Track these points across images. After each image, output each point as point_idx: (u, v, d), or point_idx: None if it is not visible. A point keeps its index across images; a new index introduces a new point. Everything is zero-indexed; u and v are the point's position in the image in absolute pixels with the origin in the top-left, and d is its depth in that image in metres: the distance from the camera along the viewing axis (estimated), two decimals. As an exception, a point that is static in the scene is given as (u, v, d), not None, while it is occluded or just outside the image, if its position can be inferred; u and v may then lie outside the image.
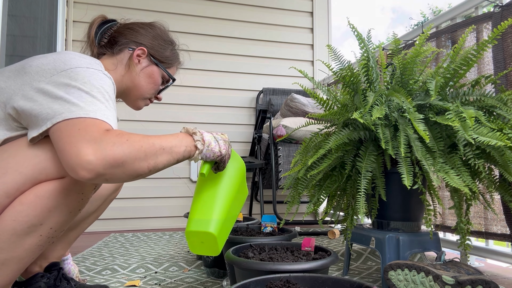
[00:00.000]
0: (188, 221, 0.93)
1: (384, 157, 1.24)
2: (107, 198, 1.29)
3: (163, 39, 1.17)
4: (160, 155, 0.81)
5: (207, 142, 0.90)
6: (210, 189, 0.96)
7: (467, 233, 1.16)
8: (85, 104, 0.79)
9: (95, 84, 0.83)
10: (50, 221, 0.87)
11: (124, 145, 0.75)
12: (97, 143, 0.73)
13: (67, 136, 0.75)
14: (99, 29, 1.14)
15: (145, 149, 0.78)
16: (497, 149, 1.08)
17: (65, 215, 0.89)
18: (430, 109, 1.21)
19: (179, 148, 0.85)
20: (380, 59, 1.30)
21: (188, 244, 0.94)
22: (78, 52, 0.95)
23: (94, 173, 0.73)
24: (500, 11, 1.43)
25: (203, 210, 0.93)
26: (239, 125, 3.10)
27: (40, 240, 0.88)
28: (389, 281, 1.12)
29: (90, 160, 0.72)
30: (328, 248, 1.18)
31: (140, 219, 2.82)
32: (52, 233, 0.89)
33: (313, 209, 1.33)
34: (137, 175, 0.79)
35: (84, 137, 0.74)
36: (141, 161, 0.78)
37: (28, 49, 2.02)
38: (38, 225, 0.86)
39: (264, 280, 0.86)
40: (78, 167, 0.72)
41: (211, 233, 0.89)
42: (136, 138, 0.78)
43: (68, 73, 0.83)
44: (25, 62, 0.89)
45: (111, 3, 2.85)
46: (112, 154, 0.73)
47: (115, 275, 1.49)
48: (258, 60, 3.18)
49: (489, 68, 1.50)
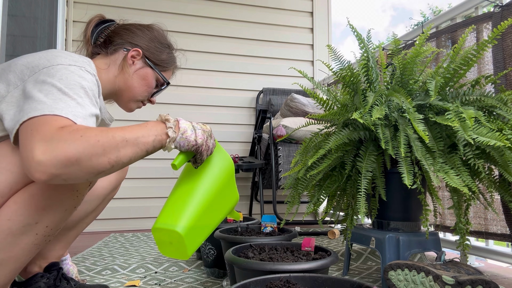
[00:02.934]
0: (157, 217, 0.85)
1: (384, 157, 1.24)
2: (105, 197, 1.28)
3: (160, 42, 1.15)
4: (123, 147, 0.75)
5: (182, 129, 0.83)
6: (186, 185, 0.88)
7: (466, 233, 1.16)
8: (52, 102, 0.76)
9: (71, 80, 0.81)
10: (46, 219, 0.86)
11: (77, 142, 0.70)
12: (47, 142, 0.69)
13: (23, 138, 0.72)
14: (96, 28, 1.13)
15: (102, 143, 0.72)
16: (496, 149, 1.08)
17: (60, 212, 0.88)
18: (430, 109, 1.21)
19: (147, 138, 0.79)
20: (380, 59, 1.31)
21: (156, 243, 0.86)
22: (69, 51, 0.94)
23: (47, 174, 0.68)
24: (500, 11, 1.43)
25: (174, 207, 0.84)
26: (239, 125, 3.10)
27: (36, 239, 0.87)
28: (389, 281, 1.12)
29: (40, 161, 0.68)
30: (328, 248, 1.18)
31: (140, 219, 2.82)
32: (48, 231, 0.89)
33: (313, 209, 1.33)
34: (97, 172, 0.73)
35: (35, 137, 0.70)
36: (99, 156, 0.72)
37: (28, 49, 2.02)
38: (34, 224, 0.85)
39: (264, 280, 0.86)
40: (31, 169, 0.68)
41: (178, 232, 0.80)
42: (93, 132, 0.72)
43: (48, 70, 0.81)
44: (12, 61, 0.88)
45: (111, 3, 2.85)
46: (64, 152, 0.68)
47: (115, 275, 1.49)
48: (258, 60, 3.18)
49: (489, 68, 1.50)
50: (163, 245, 0.85)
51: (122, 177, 1.30)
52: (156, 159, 2.86)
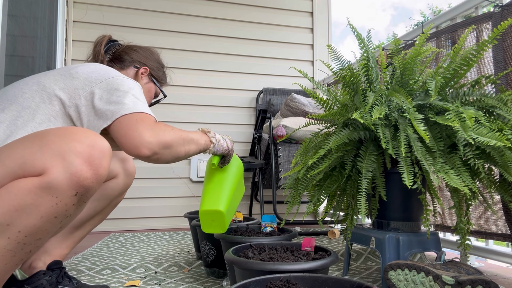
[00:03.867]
0: (201, 203, 1.13)
1: (384, 157, 1.24)
2: (113, 200, 1.35)
3: (158, 63, 1.41)
4: (191, 144, 1.04)
5: (218, 138, 1.13)
6: (218, 178, 1.18)
7: (467, 233, 1.17)
8: (133, 104, 0.98)
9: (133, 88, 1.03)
10: (18, 222, 0.78)
11: (171, 133, 0.97)
12: (152, 129, 0.94)
13: (128, 125, 0.94)
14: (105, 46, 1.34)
15: (183, 138, 1.00)
16: (496, 149, 1.08)
17: (36, 219, 0.79)
18: (430, 109, 1.21)
19: (201, 141, 1.08)
20: (380, 59, 1.31)
21: (201, 223, 1.14)
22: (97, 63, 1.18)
23: (152, 151, 0.92)
24: (500, 11, 1.43)
25: (213, 194, 1.14)
26: (239, 125, 3.10)
27: (8, 243, 0.79)
28: (389, 281, 1.12)
29: (150, 141, 0.92)
30: (328, 248, 1.18)
31: (140, 219, 2.82)
32: (21, 238, 0.79)
33: (313, 209, 1.33)
34: (177, 157, 1.00)
35: (142, 125, 0.94)
36: (181, 146, 1.00)
37: (28, 49, 2.02)
38: (5, 225, 0.77)
39: (264, 280, 0.86)
40: (141, 145, 0.91)
41: (221, 211, 1.10)
42: (176, 129, 1.00)
43: (114, 80, 1.02)
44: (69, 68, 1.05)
45: (111, 3, 2.85)
46: (164, 138, 0.94)
47: (115, 275, 1.49)
48: (258, 60, 3.18)
49: (489, 68, 1.50)
50: (206, 224, 1.14)
51: (129, 184, 1.40)
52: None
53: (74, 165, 0.79)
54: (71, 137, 0.81)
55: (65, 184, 0.78)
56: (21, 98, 0.98)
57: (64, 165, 0.78)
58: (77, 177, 0.79)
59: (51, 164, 0.78)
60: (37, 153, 0.79)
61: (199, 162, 2.95)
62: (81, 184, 0.80)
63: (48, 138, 0.81)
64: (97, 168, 0.82)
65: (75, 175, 0.79)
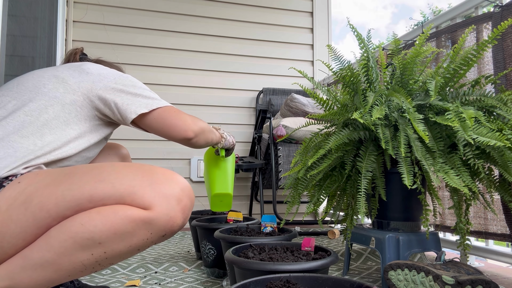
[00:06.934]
0: (211, 187, 1.39)
1: (384, 157, 1.24)
2: None
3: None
4: (212, 133, 1.23)
5: (225, 135, 1.34)
6: (223, 167, 1.44)
7: (467, 233, 1.17)
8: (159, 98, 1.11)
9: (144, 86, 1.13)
10: (109, 244, 0.83)
11: (200, 122, 1.13)
12: (191, 118, 1.10)
13: (171, 115, 1.07)
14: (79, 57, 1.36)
15: (209, 127, 1.20)
16: (496, 149, 1.08)
17: (125, 246, 0.85)
18: (430, 109, 1.21)
19: (218, 134, 1.29)
20: (380, 59, 1.31)
21: (210, 204, 1.41)
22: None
23: (194, 134, 1.09)
24: (500, 11, 1.43)
25: (222, 180, 1.41)
26: (239, 125, 3.10)
27: (88, 259, 0.83)
28: (389, 281, 1.12)
29: (192, 126, 1.09)
30: (328, 248, 1.18)
31: (140, 219, 2.81)
32: (102, 258, 0.85)
33: (313, 209, 1.33)
34: (206, 142, 1.18)
35: (183, 114, 1.09)
36: (209, 133, 1.19)
37: (28, 49, 2.02)
38: (96, 243, 0.82)
39: (264, 280, 0.86)
40: (188, 129, 1.08)
41: (230, 193, 1.40)
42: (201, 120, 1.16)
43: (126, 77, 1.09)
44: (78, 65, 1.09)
45: (111, 3, 2.85)
46: (199, 125, 1.11)
47: (115, 275, 1.49)
48: (258, 60, 3.18)
49: (489, 68, 1.50)
50: (215, 204, 1.42)
51: None
52: (156, 159, 2.86)
53: (174, 210, 0.86)
54: (172, 180, 0.89)
55: (162, 225, 0.85)
56: (44, 88, 1.00)
57: (167, 208, 0.85)
58: (173, 221, 0.86)
59: (158, 204, 0.85)
60: (147, 188, 0.86)
61: (199, 162, 2.95)
62: (172, 228, 0.87)
63: (157, 178, 0.88)
64: (186, 217, 0.91)
65: (172, 219, 0.86)
